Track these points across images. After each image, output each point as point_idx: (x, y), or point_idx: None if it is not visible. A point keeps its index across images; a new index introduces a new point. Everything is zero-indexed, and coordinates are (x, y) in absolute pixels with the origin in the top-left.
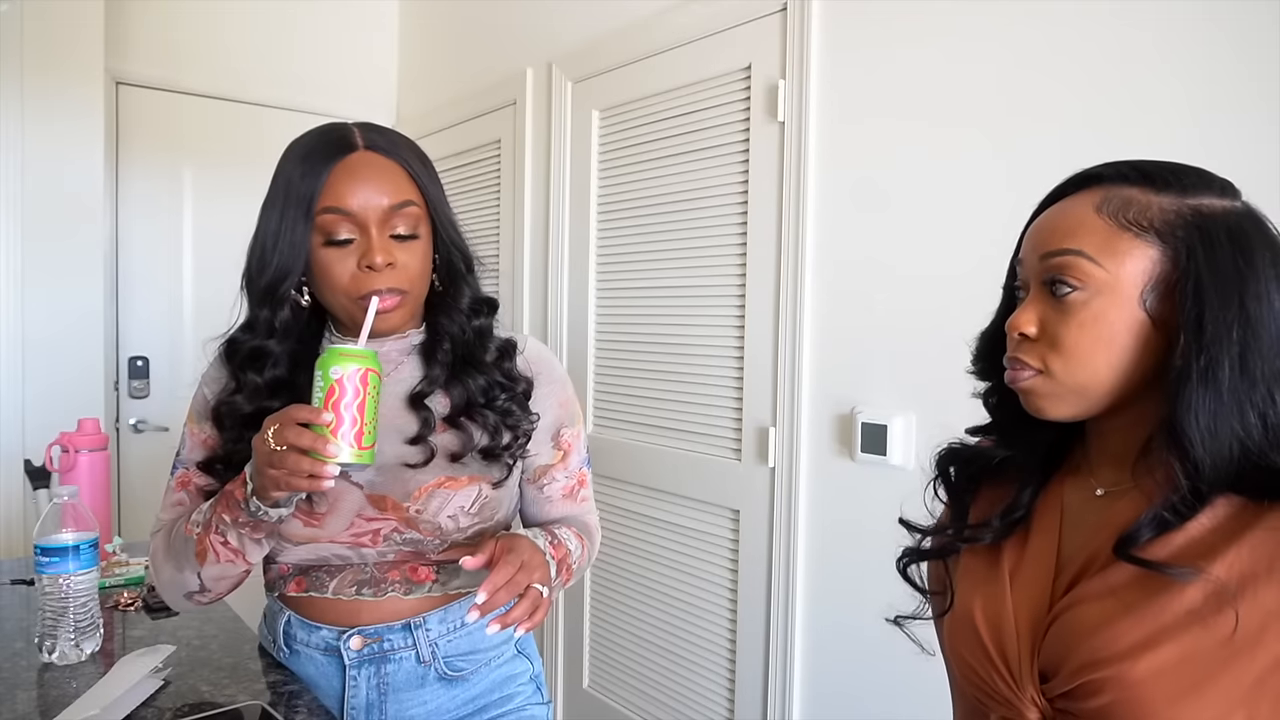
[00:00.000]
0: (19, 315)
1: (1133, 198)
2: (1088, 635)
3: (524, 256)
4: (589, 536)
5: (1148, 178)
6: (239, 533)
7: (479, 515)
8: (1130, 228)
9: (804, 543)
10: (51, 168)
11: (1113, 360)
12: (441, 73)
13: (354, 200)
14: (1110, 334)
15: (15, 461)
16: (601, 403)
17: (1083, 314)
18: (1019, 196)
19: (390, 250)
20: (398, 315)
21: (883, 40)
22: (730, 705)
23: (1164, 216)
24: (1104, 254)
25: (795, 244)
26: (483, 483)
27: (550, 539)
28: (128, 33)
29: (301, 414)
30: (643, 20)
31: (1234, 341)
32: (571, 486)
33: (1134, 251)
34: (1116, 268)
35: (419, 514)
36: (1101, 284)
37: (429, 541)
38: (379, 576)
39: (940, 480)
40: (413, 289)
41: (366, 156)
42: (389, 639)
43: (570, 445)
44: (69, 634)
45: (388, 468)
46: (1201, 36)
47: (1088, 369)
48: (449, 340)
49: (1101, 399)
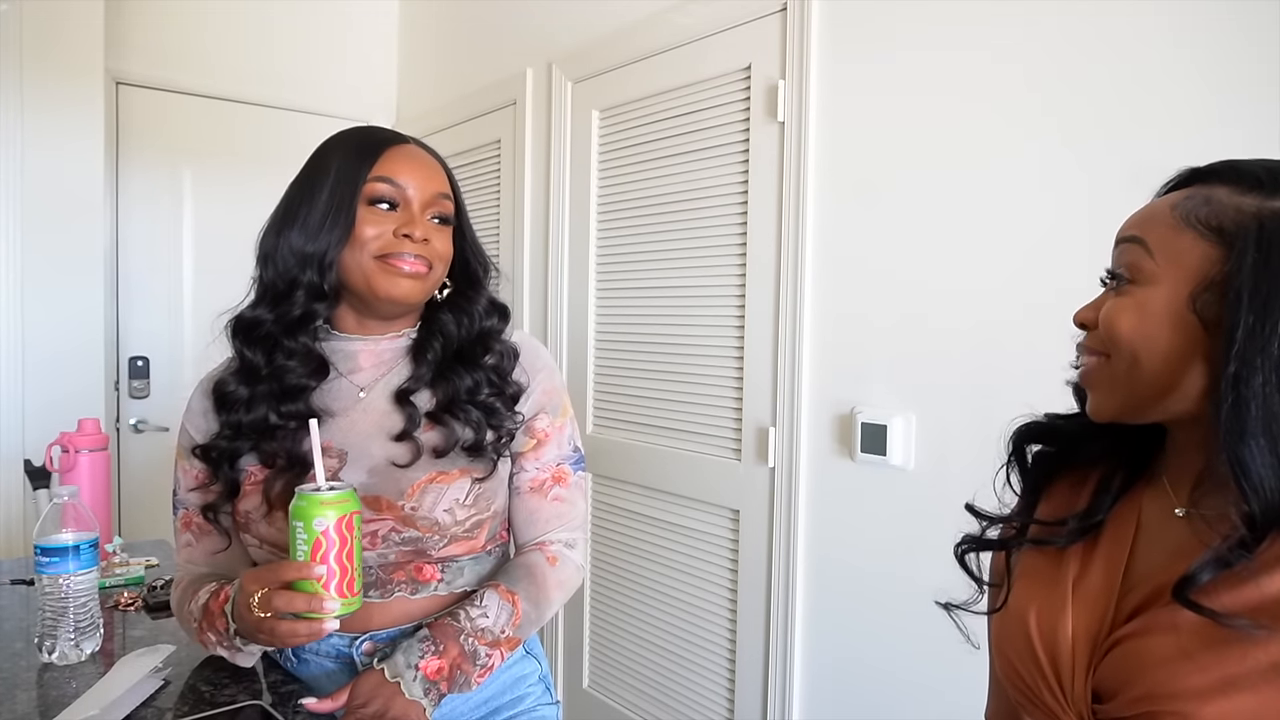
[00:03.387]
0: (19, 315)
1: (1216, 196)
2: (1155, 667)
3: (524, 256)
4: (533, 574)
5: (1241, 177)
6: (229, 649)
7: (475, 506)
8: (1195, 226)
9: (804, 543)
10: (51, 168)
11: (1157, 357)
12: (441, 73)
13: (405, 176)
14: (1154, 329)
15: (15, 461)
16: (601, 403)
17: (1129, 303)
18: (1019, 197)
19: (429, 229)
20: (425, 286)
21: (883, 40)
22: (730, 705)
23: (1238, 218)
24: (1160, 247)
25: (795, 244)
26: (473, 474)
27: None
28: (127, 33)
29: (288, 572)
30: (643, 20)
31: (1271, 355)
32: (542, 480)
33: (1192, 250)
34: (1168, 263)
35: (414, 511)
36: (1150, 276)
37: (428, 539)
38: (384, 578)
39: (1015, 462)
40: (435, 270)
41: (417, 150)
42: None
43: (546, 435)
44: (69, 634)
45: (379, 468)
46: (1219, 29)
47: (1131, 360)
48: (441, 339)
49: (1152, 399)
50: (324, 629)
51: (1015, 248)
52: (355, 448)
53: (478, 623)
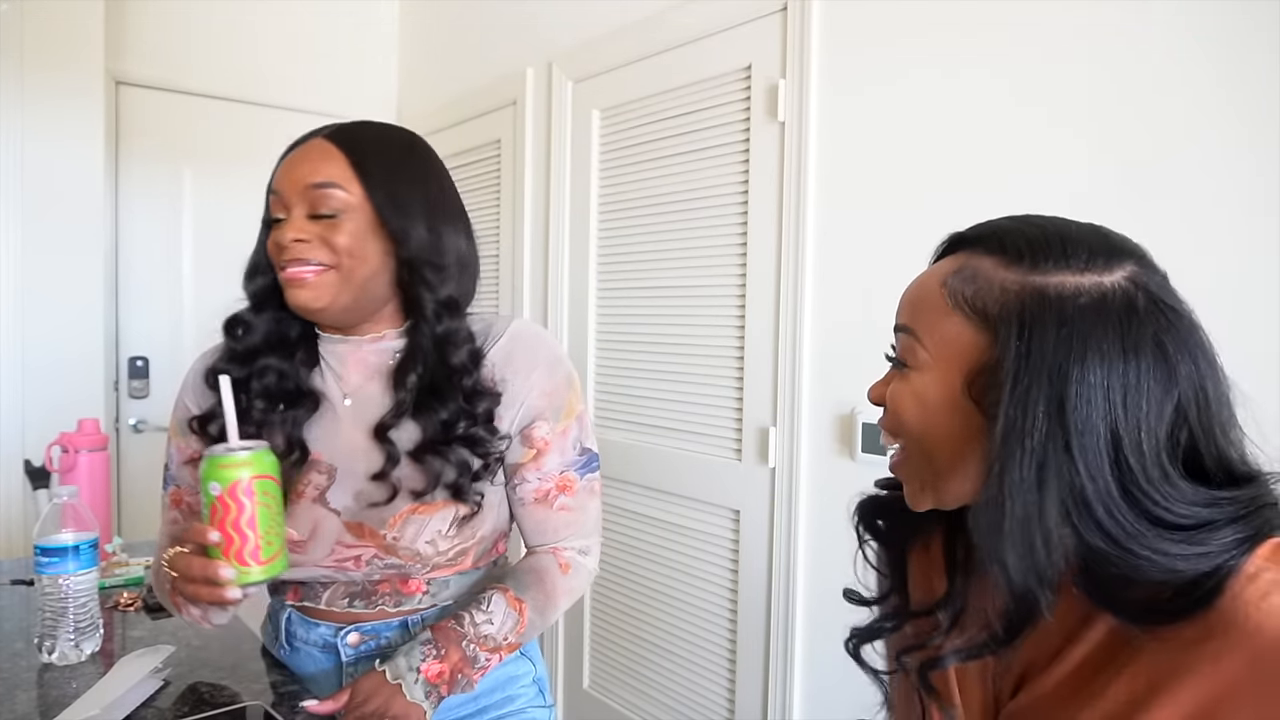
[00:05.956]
0: (19, 315)
1: (981, 271)
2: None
3: (524, 256)
4: (543, 581)
5: (1004, 249)
6: (196, 608)
7: (458, 536)
8: (962, 307)
9: (804, 543)
10: (51, 168)
11: (944, 447)
12: (441, 73)
13: (282, 181)
14: (935, 416)
15: (15, 461)
16: (601, 403)
17: (908, 390)
18: (1020, 197)
19: (305, 228)
20: (319, 289)
21: (883, 40)
22: (730, 705)
23: (1001, 298)
24: (929, 334)
25: (796, 244)
26: (459, 504)
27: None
28: (128, 33)
29: (192, 535)
30: (643, 20)
31: (1031, 450)
32: (546, 490)
33: (960, 335)
34: (939, 351)
35: (396, 541)
36: (924, 363)
37: (411, 566)
38: (369, 589)
39: (869, 539)
40: (338, 264)
41: (313, 144)
42: (386, 636)
43: (547, 444)
44: (69, 634)
45: (363, 494)
46: (1225, 33)
47: (922, 450)
48: (422, 362)
49: (954, 487)
50: (223, 596)
51: None
52: (343, 467)
53: (482, 629)
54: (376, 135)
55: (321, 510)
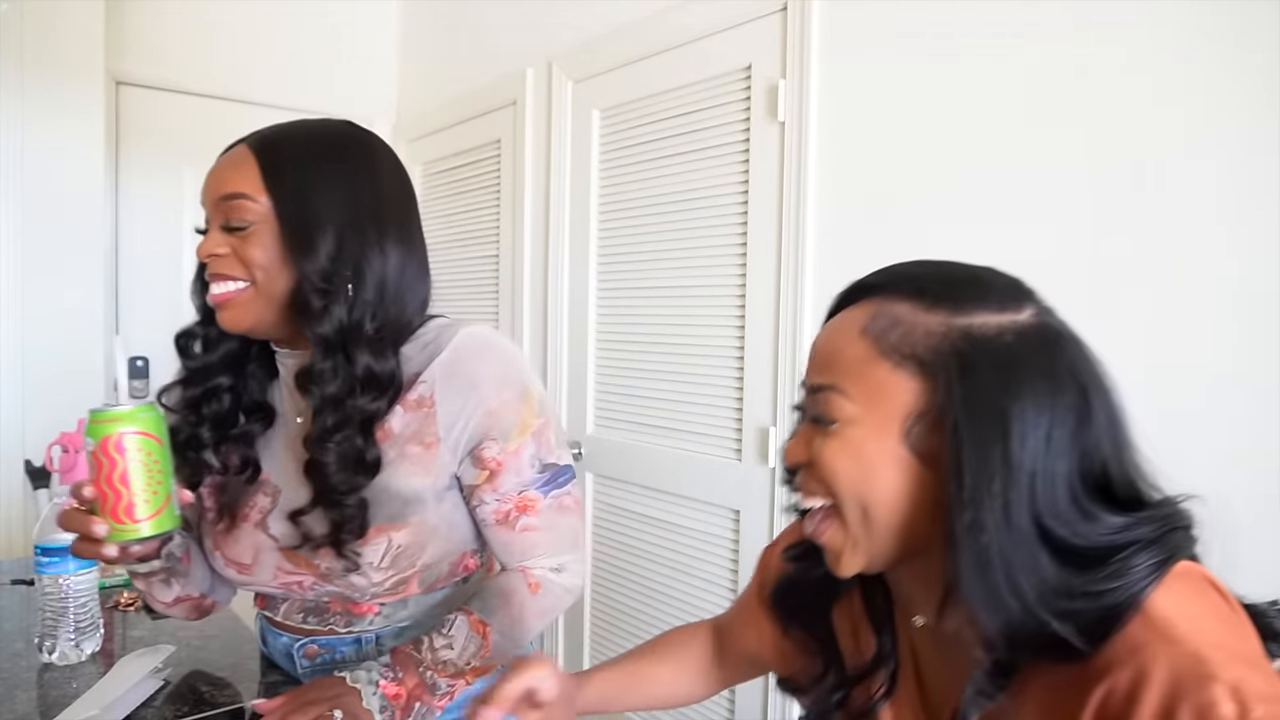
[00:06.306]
0: (19, 315)
1: (900, 317)
2: None
3: (524, 257)
4: (509, 603)
5: (921, 293)
6: (142, 579)
7: (393, 568)
8: (890, 355)
9: None
10: (51, 167)
11: (885, 505)
12: (441, 73)
13: (202, 191)
14: (873, 472)
15: (15, 461)
16: (601, 403)
17: (840, 446)
18: (1020, 197)
19: (221, 241)
20: (238, 310)
21: (883, 40)
22: (730, 705)
23: (928, 341)
24: (856, 386)
25: (795, 244)
26: (391, 532)
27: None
28: (128, 33)
29: (72, 492)
30: (643, 20)
31: (995, 494)
32: (505, 512)
33: (891, 383)
34: (869, 403)
35: (329, 571)
36: (854, 418)
37: (352, 594)
38: (322, 606)
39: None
40: (253, 279)
41: (233, 151)
42: (341, 651)
43: (499, 464)
44: (69, 634)
45: (296, 524)
46: (1228, 34)
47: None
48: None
49: (895, 549)
50: (100, 553)
51: (1016, 246)
52: (286, 489)
53: (440, 654)
54: (302, 138)
55: (261, 536)
